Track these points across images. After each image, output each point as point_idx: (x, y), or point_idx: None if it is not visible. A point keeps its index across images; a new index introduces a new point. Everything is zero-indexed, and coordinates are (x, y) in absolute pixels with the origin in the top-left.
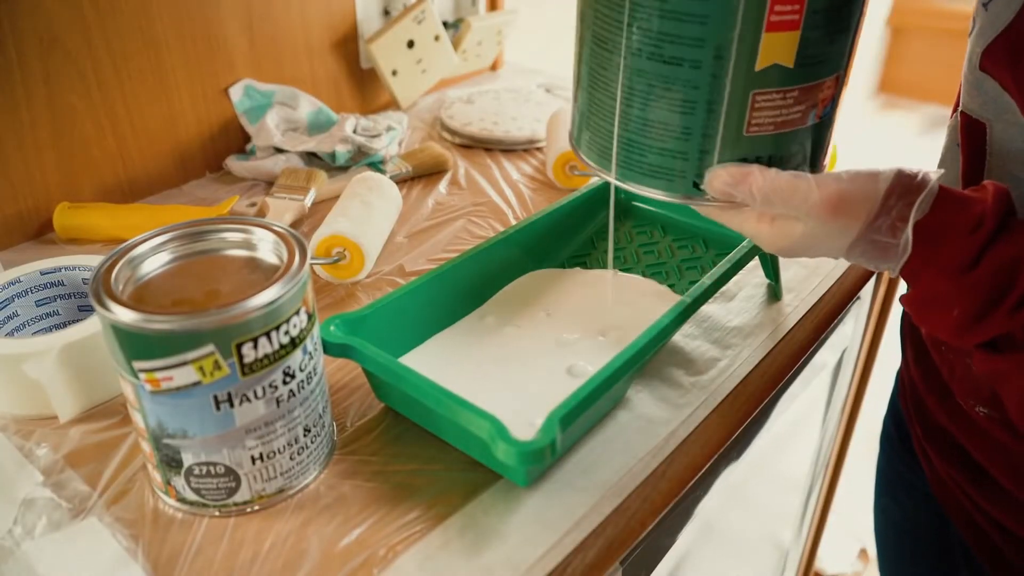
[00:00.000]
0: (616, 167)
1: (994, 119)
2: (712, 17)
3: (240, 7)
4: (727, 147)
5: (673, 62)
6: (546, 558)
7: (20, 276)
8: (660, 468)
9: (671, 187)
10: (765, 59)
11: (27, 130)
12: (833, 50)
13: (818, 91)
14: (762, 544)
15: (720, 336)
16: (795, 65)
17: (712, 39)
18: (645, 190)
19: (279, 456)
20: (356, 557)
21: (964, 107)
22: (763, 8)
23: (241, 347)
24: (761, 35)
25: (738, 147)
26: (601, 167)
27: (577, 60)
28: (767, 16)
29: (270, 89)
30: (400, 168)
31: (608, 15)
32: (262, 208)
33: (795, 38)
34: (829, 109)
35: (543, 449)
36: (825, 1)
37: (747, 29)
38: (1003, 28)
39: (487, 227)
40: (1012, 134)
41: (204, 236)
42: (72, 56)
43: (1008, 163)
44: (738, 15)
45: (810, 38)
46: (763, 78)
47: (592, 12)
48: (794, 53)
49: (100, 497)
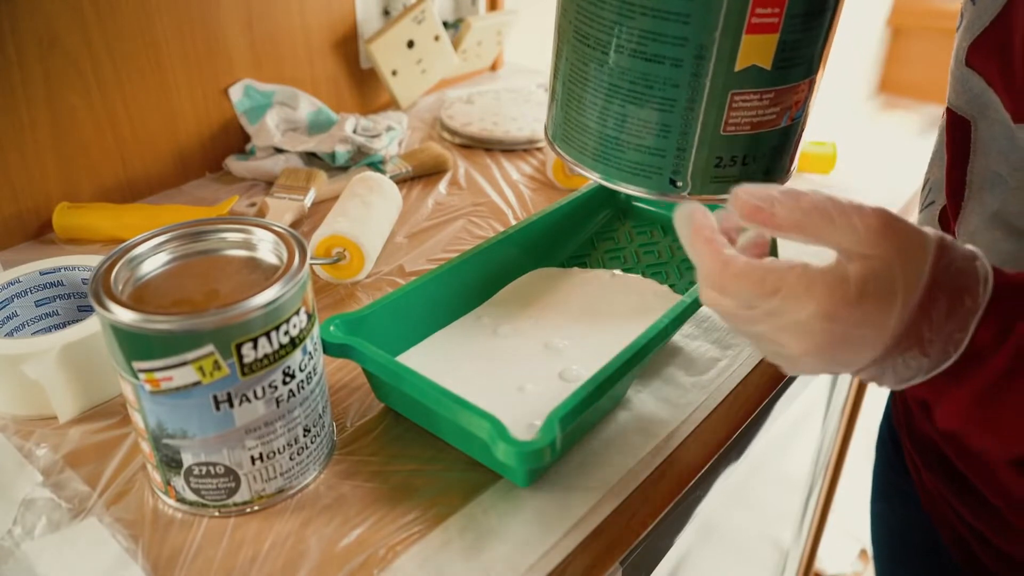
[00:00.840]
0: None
1: (979, 116)
2: (695, 16)
3: (240, 7)
4: (704, 145)
5: (655, 60)
6: (546, 558)
7: (20, 276)
8: (660, 468)
9: (648, 184)
10: (744, 60)
11: (27, 130)
12: (808, 53)
13: (793, 93)
14: (762, 544)
15: (720, 336)
16: (772, 67)
17: (695, 38)
18: (623, 186)
19: (279, 456)
20: (356, 557)
21: (950, 103)
22: (745, 10)
23: (241, 347)
24: (742, 36)
25: (714, 146)
26: (579, 162)
27: (556, 54)
28: (748, 18)
29: (270, 89)
30: (400, 168)
31: (592, 11)
32: (262, 208)
33: (774, 40)
34: (800, 112)
35: (543, 449)
36: (804, 5)
37: (728, 30)
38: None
39: (487, 227)
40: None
41: (204, 236)
42: (72, 56)
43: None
44: (720, 15)
45: (788, 41)
46: (742, 78)
47: (575, 7)
48: (772, 55)
49: (100, 497)
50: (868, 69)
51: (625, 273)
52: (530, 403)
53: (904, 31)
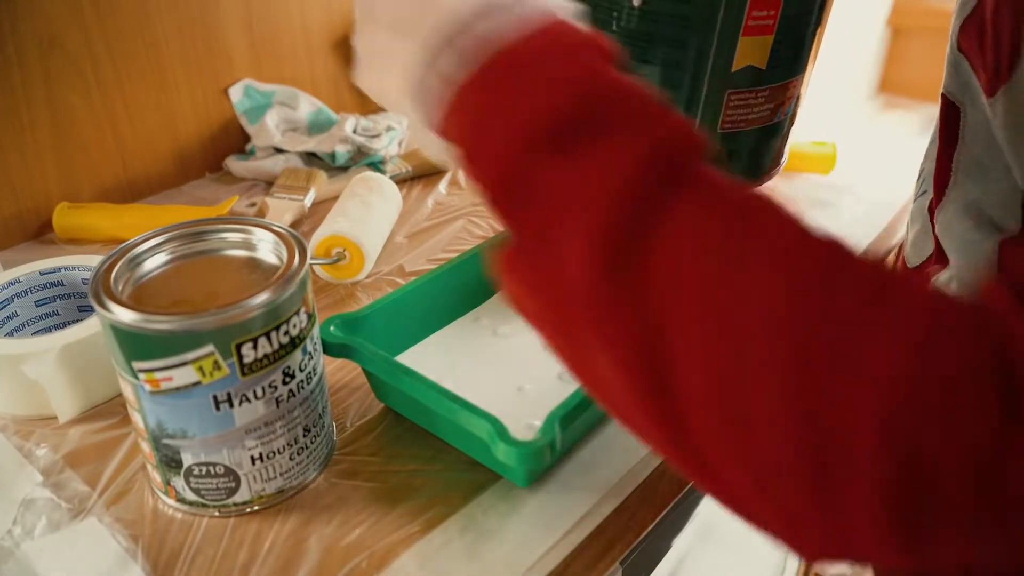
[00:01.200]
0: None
1: (967, 103)
2: (694, 20)
3: (240, 7)
4: None
5: (656, 62)
6: (546, 558)
7: (20, 276)
8: (660, 468)
9: None
10: (741, 60)
11: (27, 130)
12: (800, 51)
13: (785, 91)
14: (762, 544)
15: None
16: (767, 66)
17: (694, 41)
18: None
19: (279, 456)
20: (356, 557)
21: (944, 88)
22: (742, 13)
23: (241, 347)
24: (738, 38)
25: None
26: None
27: None
28: (745, 20)
29: (270, 89)
30: (400, 168)
31: (593, 16)
32: (262, 208)
33: (769, 42)
34: (792, 106)
35: (543, 449)
36: (796, 7)
37: (726, 32)
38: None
39: (487, 227)
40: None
41: (204, 236)
42: (72, 56)
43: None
44: (718, 18)
45: (782, 41)
46: (738, 78)
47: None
48: (767, 56)
49: (100, 497)
50: (868, 69)
51: None
52: (530, 403)
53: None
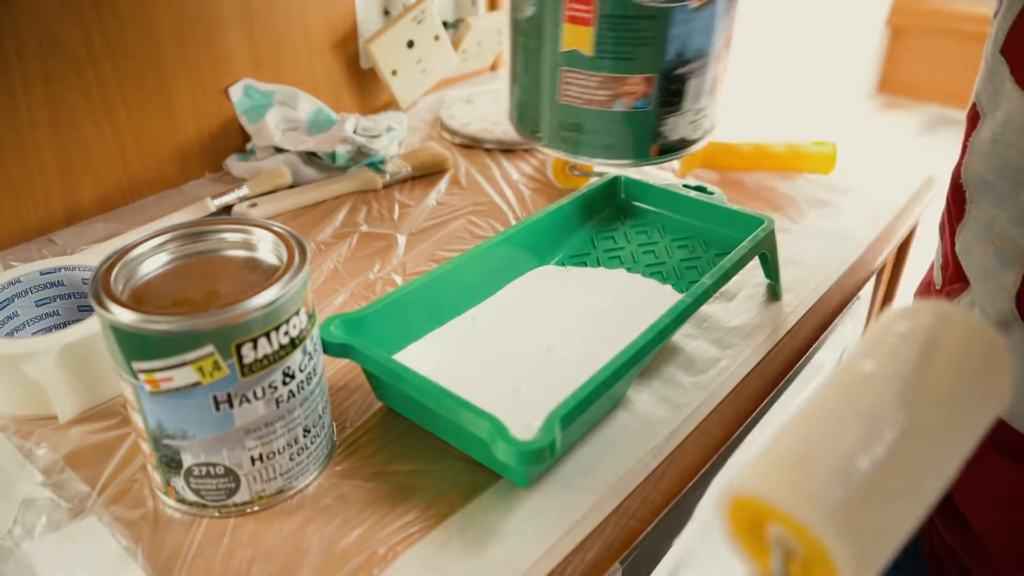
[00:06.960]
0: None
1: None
2: (539, 5)
3: (240, 7)
4: (549, 107)
5: (529, 34)
6: (546, 558)
7: (20, 276)
8: (660, 468)
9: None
10: (567, 43)
11: (27, 130)
12: (640, 53)
13: (622, 83)
14: None
15: (720, 336)
16: (595, 55)
17: (538, 19)
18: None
19: (279, 457)
20: (356, 557)
21: (975, 95)
22: (560, 4)
23: (241, 348)
24: (562, 24)
25: (555, 109)
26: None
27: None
28: (564, 10)
29: (270, 89)
30: (400, 168)
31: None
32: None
33: (590, 32)
34: (643, 104)
35: (543, 449)
36: (613, 8)
37: (553, 18)
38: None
39: (487, 227)
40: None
41: (203, 236)
42: (72, 56)
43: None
44: (546, 4)
45: (607, 36)
46: (569, 58)
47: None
48: (592, 44)
49: (100, 497)
50: (868, 69)
51: (625, 273)
52: (530, 403)
53: (904, 31)
